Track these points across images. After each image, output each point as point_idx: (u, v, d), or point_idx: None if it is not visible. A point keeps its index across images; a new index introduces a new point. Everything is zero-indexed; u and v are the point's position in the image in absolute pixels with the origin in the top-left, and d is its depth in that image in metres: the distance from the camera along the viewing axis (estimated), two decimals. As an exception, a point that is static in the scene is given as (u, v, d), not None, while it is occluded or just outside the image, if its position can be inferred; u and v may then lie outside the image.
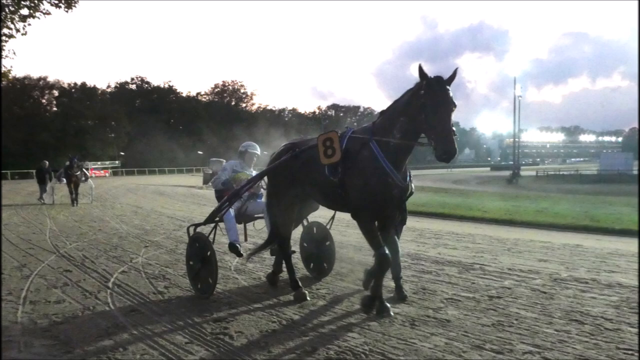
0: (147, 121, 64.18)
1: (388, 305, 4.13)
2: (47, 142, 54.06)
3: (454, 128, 3.52)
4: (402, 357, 3.25)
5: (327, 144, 4.08)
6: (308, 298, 4.57)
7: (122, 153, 64.06)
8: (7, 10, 11.21)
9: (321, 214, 5.61)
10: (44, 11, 11.58)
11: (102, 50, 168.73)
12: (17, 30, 11.48)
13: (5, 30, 11.32)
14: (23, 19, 11.45)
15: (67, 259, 6.66)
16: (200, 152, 63.22)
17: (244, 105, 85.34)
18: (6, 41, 11.51)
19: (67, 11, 11.82)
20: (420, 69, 3.64)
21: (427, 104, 3.52)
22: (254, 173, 5.59)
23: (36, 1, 11.39)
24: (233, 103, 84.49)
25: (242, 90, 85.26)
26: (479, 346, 3.41)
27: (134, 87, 75.76)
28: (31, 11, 11.44)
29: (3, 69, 12.08)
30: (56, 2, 11.61)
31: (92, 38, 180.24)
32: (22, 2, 11.29)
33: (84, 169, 16.99)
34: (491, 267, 5.93)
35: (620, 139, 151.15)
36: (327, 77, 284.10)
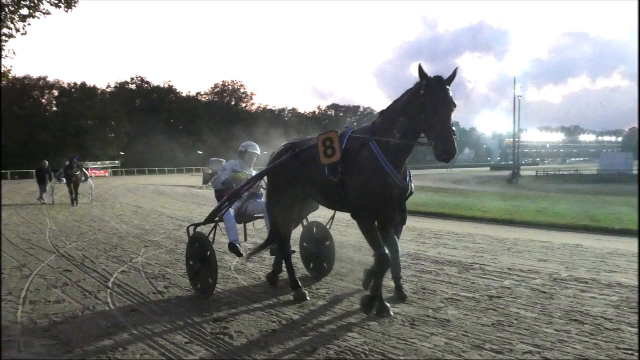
0: (147, 121, 64.19)
1: (388, 305, 4.13)
2: (47, 142, 54.07)
3: (454, 128, 3.52)
4: (402, 357, 3.25)
5: (327, 144, 4.08)
6: (308, 298, 4.57)
7: (122, 153, 64.06)
8: (7, 10, 11.22)
9: (321, 214, 5.61)
10: (44, 11, 11.59)
11: (102, 50, 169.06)
12: (17, 30, 11.50)
13: (5, 30, 11.33)
14: (23, 19, 11.46)
15: (67, 259, 6.66)
16: (200, 152, 63.23)
17: (244, 105, 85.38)
18: (6, 41, 11.53)
19: (67, 11, 11.84)
20: (420, 69, 3.64)
21: (427, 104, 3.52)
22: (254, 173, 5.59)
23: (36, 1, 11.40)
24: (233, 103, 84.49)
25: (242, 90, 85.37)
26: (479, 346, 3.41)
27: (134, 87, 75.79)
28: (31, 11, 11.45)
29: (3, 69, 12.10)
30: (56, 2, 11.62)
31: (92, 38, 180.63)
32: (22, 2, 11.29)
33: (84, 169, 17.00)
34: (491, 267, 5.93)
35: (620, 139, 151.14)
36: (327, 77, 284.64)
